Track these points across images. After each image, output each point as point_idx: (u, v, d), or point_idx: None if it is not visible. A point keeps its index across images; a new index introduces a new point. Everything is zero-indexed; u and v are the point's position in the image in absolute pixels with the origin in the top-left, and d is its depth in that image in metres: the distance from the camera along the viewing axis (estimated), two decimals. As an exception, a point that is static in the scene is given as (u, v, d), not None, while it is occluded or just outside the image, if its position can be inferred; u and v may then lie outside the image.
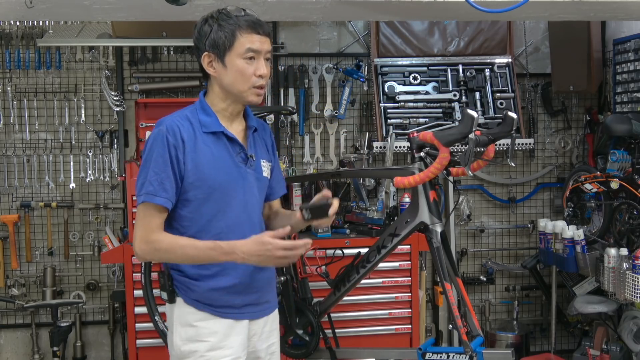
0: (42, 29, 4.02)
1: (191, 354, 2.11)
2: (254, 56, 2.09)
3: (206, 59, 2.12)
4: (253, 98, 2.15)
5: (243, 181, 2.15)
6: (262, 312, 2.23)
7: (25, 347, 4.18)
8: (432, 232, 2.48)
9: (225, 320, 2.13)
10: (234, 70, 2.09)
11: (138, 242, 2.06)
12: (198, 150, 2.07)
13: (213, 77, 2.14)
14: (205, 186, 2.08)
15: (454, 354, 2.37)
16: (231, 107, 2.17)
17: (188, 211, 2.09)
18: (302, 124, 4.21)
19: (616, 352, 3.83)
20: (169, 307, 2.18)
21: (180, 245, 2.05)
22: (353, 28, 4.31)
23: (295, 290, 2.83)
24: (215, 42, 2.08)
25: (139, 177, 2.07)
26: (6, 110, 4.06)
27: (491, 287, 4.54)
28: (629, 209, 3.69)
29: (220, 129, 2.13)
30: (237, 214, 2.13)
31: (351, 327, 3.60)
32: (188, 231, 2.10)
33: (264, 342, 2.26)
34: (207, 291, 2.11)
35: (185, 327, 2.12)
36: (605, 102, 4.36)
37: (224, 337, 2.12)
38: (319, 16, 2.93)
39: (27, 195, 4.10)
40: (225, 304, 2.13)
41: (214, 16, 2.11)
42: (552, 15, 2.89)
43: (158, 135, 2.05)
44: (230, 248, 2.02)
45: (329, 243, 3.48)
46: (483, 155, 2.49)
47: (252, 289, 2.18)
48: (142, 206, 2.05)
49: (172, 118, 2.10)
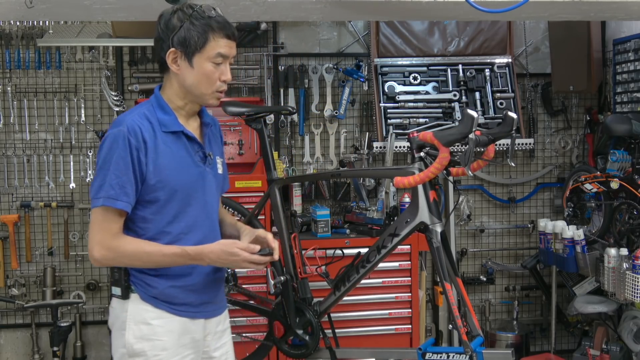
0: (42, 29, 4.03)
1: (145, 352, 2.06)
2: (222, 61, 2.07)
3: (171, 55, 2.05)
4: (213, 102, 2.13)
5: (203, 181, 2.14)
6: (215, 311, 2.23)
7: (25, 347, 4.18)
8: (432, 232, 2.48)
9: (181, 319, 2.10)
10: (201, 72, 2.05)
11: (98, 247, 2.00)
12: (159, 151, 2.03)
13: (174, 74, 2.08)
14: (168, 188, 2.04)
15: (454, 354, 2.37)
16: (189, 105, 2.13)
17: (149, 213, 2.05)
18: (302, 124, 4.21)
19: (616, 352, 3.83)
20: (120, 304, 2.09)
21: (146, 252, 2.02)
22: (353, 28, 4.31)
23: (295, 290, 2.83)
24: (185, 40, 2.02)
25: (97, 179, 2.00)
26: (6, 110, 4.06)
27: (491, 287, 4.54)
28: (629, 209, 3.69)
29: (180, 128, 2.09)
30: (197, 213, 2.11)
31: (351, 327, 3.61)
32: (147, 233, 2.05)
33: (218, 341, 2.25)
34: (167, 288, 2.08)
35: (139, 324, 2.06)
36: (605, 102, 4.36)
37: (179, 336, 2.09)
38: (319, 16, 2.93)
39: (27, 195, 4.10)
40: (183, 302, 2.11)
41: (185, 12, 2.04)
42: (552, 15, 2.89)
43: (119, 136, 1.98)
44: (198, 254, 2.04)
45: (329, 243, 3.48)
46: (483, 155, 2.49)
47: (209, 288, 2.18)
48: (101, 210, 1.99)
49: (131, 117, 2.03)
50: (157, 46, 2.09)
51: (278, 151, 4.20)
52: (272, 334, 2.89)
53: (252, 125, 2.93)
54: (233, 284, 2.98)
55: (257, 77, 4.18)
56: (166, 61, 2.06)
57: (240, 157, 3.88)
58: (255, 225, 2.94)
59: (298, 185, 4.01)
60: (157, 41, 2.09)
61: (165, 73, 2.12)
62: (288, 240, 2.87)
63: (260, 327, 3.41)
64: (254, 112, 2.90)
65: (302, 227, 3.77)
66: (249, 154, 3.88)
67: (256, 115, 2.90)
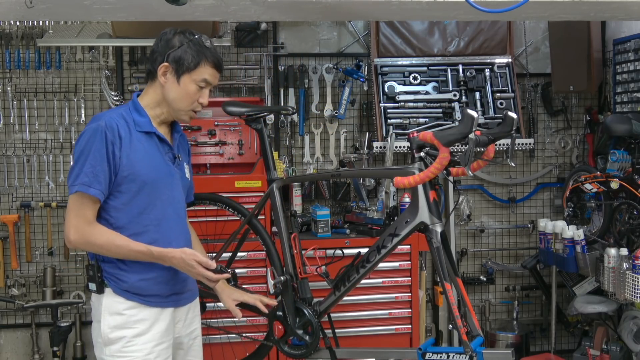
0: (42, 29, 4.03)
1: (119, 340, 2.24)
2: (204, 86, 2.33)
3: (164, 68, 2.28)
4: (186, 118, 2.37)
5: (171, 178, 2.34)
6: (185, 300, 2.42)
7: (25, 347, 4.18)
8: (432, 232, 2.47)
9: (152, 309, 2.29)
10: (184, 90, 2.29)
11: (73, 231, 2.19)
12: (133, 146, 2.22)
13: (159, 85, 2.30)
14: (138, 180, 2.23)
15: (454, 354, 2.37)
16: (163, 116, 2.35)
17: (120, 202, 2.23)
18: (302, 124, 4.21)
19: (616, 352, 3.83)
20: (97, 298, 2.29)
21: (115, 245, 2.20)
22: (353, 28, 4.31)
23: (295, 290, 2.83)
24: (180, 59, 2.27)
25: (74, 168, 2.19)
26: (6, 110, 4.06)
27: (491, 287, 4.54)
28: (629, 209, 3.69)
29: (153, 129, 2.30)
30: (165, 208, 2.31)
31: (351, 327, 3.61)
32: (118, 222, 2.24)
33: (188, 328, 2.45)
34: (137, 281, 2.26)
35: (114, 315, 2.25)
36: (605, 102, 4.36)
37: (150, 324, 2.28)
38: (319, 16, 2.93)
39: (27, 195, 4.10)
40: (153, 293, 2.29)
41: (187, 36, 2.30)
42: (552, 15, 2.89)
43: (97, 130, 2.17)
44: (161, 256, 2.24)
45: (329, 243, 3.48)
46: (483, 155, 2.48)
47: (177, 280, 2.36)
48: (77, 195, 2.17)
49: (110, 115, 2.24)
50: (152, 57, 2.33)
51: (278, 151, 4.20)
52: (272, 334, 2.89)
53: (252, 125, 2.93)
54: (233, 284, 2.97)
55: (257, 77, 4.18)
56: (156, 71, 2.29)
57: (240, 157, 3.88)
58: (255, 225, 2.94)
59: (298, 185, 4.01)
60: (153, 53, 2.32)
61: (150, 82, 2.35)
62: (288, 240, 2.87)
63: (260, 327, 3.41)
64: (254, 112, 2.90)
65: (302, 227, 3.77)
66: (249, 154, 3.88)
67: (256, 115, 2.90)
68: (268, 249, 2.92)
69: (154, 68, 2.30)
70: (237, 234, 2.99)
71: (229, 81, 4.17)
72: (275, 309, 2.83)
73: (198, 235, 2.73)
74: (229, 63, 4.21)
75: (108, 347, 2.25)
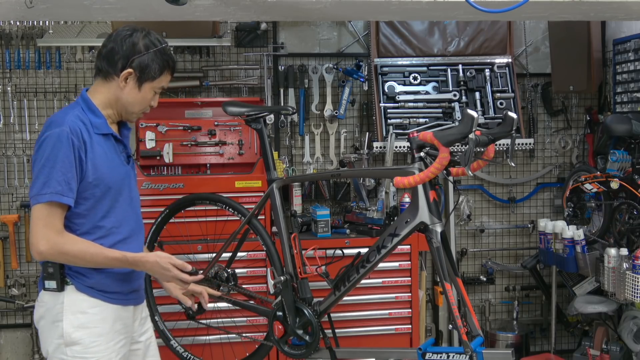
0: (42, 29, 4.03)
1: (82, 340, 2.20)
2: (159, 91, 2.34)
3: (126, 74, 2.23)
4: (134, 119, 2.37)
5: (129, 179, 2.34)
6: (141, 299, 2.45)
7: (25, 347, 4.18)
8: (432, 232, 2.47)
9: (114, 306, 2.28)
10: (143, 96, 2.28)
11: (43, 242, 2.11)
12: (94, 150, 2.19)
13: (115, 87, 2.25)
14: (103, 185, 2.20)
15: (454, 354, 2.37)
16: (114, 116, 2.32)
17: (84, 209, 2.19)
18: (302, 124, 4.21)
19: (616, 352, 3.83)
20: (54, 296, 2.22)
21: (90, 254, 2.16)
22: (353, 28, 4.31)
23: (295, 290, 2.83)
24: (146, 67, 2.24)
25: (40, 176, 2.10)
26: (6, 110, 4.06)
27: (491, 287, 4.54)
28: (629, 209, 3.69)
29: (110, 131, 2.27)
30: (125, 209, 2.30)
31: (351, 327, 3.61)
32: (81, 228, 2.20)
33: (143, 327, 2.47)
34: (102, 278, 2.24)
35: (76, 314, 2.21)
36: (605, 102, 4.36)
37: (112, 322, 2.27)
38: (319, 16, 2.93)
39: (27, 195, 4.10)
40: (116, 290, 2.28)
41: (152, 41, 2.25)
42: (552, 15, 2.89)
43: (62, 135, 2.11)
44: (135, 262, 2.24)
45: (329, 243, 3.48)
46: (483, 155, 2.48)
47: (135, 277, 2.37)
48: (47, 205, 2.10)
49: (70, 119, 2.16)
50: (110, 57, 2.24)
51: (278, 151, 4.20)
52: (272, 334, 2.89)
53: (252, 125, 2.93)
54: (233, 284, 2.97)
55: (257, 77, 4.18)
56: (115, 73, 2.22)
57: (240, 157, 3.88)
58: (255, 225, 2.94)
59: (298, 185, 4.01)
60: (113, 53, 2.23)
61: (103, 81, 2.27)
62: (288, 240, 2.87)
63: (260, 327, 3.41)
64: (254, 112, 2.90)
65: (302, 227, 3.77)
66: (249, 154, 3.88)
67: (256, 115, 2.90)
68: (268, 249, 2.92)
69: (113, 70, 2.23)
70: (237, 234, 2.99)
71: (229, 81, 4.17)
72: (275, 309, 2.83)
73: (198, 235, 2.74)
74: (229, 63, 4.21)
75: (70, 348, 2.19)
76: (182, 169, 3.83)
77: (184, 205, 3.17)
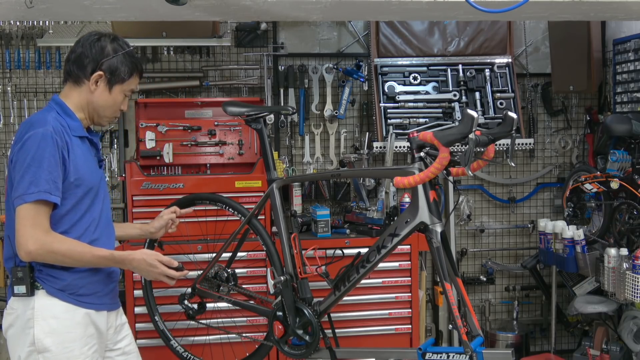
0: (42, 29, 4.03)
1: (54, 345, 2.16)
2: (129, 94, 2.38)
3: (97, 77, 2.26)
4: (106, 123, 2.41)
5: (103, 182, 2.40)
6: (115, 304, 2.44)
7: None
8: (432, 232, 2.47)
9: (87, 311, 2.25)
10: (113, 99, 2.32)
11: (32, 242, 2.09)
12: (74, 152, 2.21)
13: (86, 91, 2.28)
14: (84, 185, 2.23)
15: (454, 354, 2.37)
16: (86, 121, 2.34)
17: (65, 209, 2.19)
18: (302, 124, 4.21)
19: (616, 352, 3.83)
20: (23, 302, 2.18)
21: (78, 252, 2.17)
22: (353, 28, 4.31)
23: (295, 290, 2.83)
24: (116, 70, 2.28)
25: (26, 175, 2.10)
26: (6, 110, 4.06)
27: (491, 287, 4.54)
28: (629, 209, 3.69)
29: (85, 134, 2.31)
30: (99, 208, 2.33)
31: (351, 327, 3.61)
32: (59, 228, 2.18)
33: (118, 335, 2.45)
34: (75, 279, 2.22)
35: (48, 319, 2.17)
36: (605, 102, 4.36)
37: (85, 327, 2.24)
38: (319, 16, 2.93)
39: (27, 195, 4.10)
40: (89, 292, 2.26)
41: (120, 44, 2.31)
42: (552, 15, 2.89)
43: (47, 135, 2.12)
44: (122, 260, 2.27)
45: (329, 243, 3.48)
46: (483, 155, 2.48)
47: (111, 279, 2.38)
48: (34, 205, 2.09)
49: (51, 119, 2.18)
50: (79, 61, 2.27)
51: (278, 151, 4.20)
52: (272, 334, 2.89)
53: (252, 125, 2.93)
54: (233, 284, 2.98)
55: (257, 77, 4.18)
56: (85, 77, 2.26)
57: (240, 157, 3.88)
58: (255, 225, 2.94)
59: (298, 185, 4.01)
60: (82, 57, 2.27)
61: (74, 85, 2.30)
62: (288, 240, 2.86)
63: (260, 327, 3.41)
64: (254, 112, 2.90)
65: (302, 227, 3.77)
66: (249, 154, 3.88)
67: (256, 115, 2.90)
68: (268, 249, 2.92)
69: (83, 73, 2.26)
70: (237, 234, 2.99)
71: (229, 81, 4.17)
72: (275, 308, 2.83)
73: (198, 235, 2.74)
74: (229, 63, 4.21)
75: (43, 355, 2.16)
76: (182, 169, 3.83)
77: (184, 205, 3.17)
